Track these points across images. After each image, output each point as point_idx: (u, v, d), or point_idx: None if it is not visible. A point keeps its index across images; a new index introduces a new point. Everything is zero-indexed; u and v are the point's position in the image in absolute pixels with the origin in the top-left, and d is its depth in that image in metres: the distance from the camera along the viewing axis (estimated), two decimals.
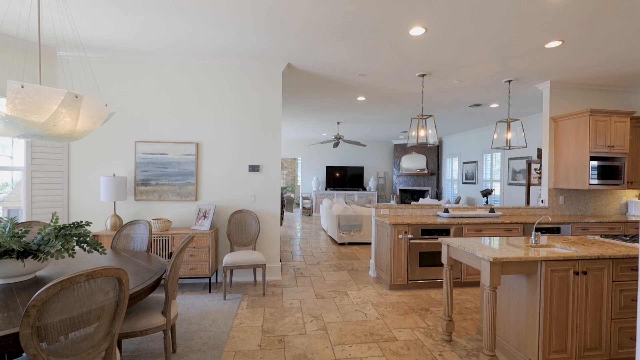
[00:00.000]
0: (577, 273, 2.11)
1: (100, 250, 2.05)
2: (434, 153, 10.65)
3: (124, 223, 3.81)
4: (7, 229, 1.75)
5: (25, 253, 1.74)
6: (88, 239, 1.98)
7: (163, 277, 2.19)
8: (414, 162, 10.79)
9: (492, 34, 3.08)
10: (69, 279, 1.30)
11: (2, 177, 3.95)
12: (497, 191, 7.98)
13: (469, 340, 2.60)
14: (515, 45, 3.32)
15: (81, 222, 1.96)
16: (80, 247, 1.95)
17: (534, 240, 2.43)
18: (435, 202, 8.36)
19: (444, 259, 2.60)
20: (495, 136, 4.60)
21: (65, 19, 2.87)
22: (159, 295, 2.36)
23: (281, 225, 8.37)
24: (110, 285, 1.48)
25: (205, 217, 3.77)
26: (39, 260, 1.75)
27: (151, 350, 2.40)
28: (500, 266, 2.03)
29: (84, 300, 1.39)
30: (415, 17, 2.78)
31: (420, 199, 9.00)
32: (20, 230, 1.80)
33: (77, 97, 1.77)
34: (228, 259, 3.45)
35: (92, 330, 1.46)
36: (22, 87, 1.62)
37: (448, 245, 2.55)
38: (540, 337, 2.08)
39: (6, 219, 1.87)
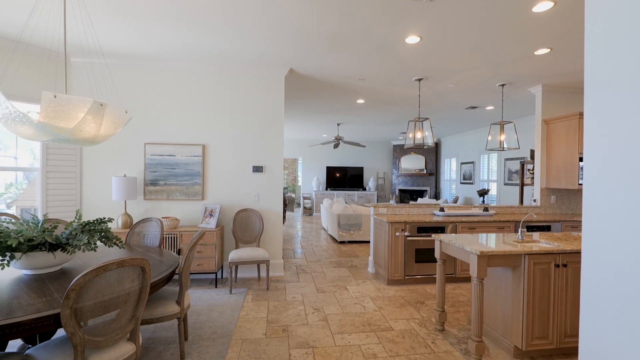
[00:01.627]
0: (557, 266, 2.29)
1: (119, 244, 2.23)
2: (432, 153, 10.83)
3: (134, 221, 4.00)
4: (39, 225, 1.93)
5: (55, 246, 1.93)
6: (109, 234, 2.17)
7: (176, 271, 2.37)
8: (412, 163, 10.97)
9: (483, 42, 3.26)
10: (103, 266, 1.48)
11: (7, 178, 4.13)
12: (493, 191, 8.16)
13: (460, 329, 2.78)
14: (507, 52, 3.50)
15: (104, 218, 2.14)
16: (101, 241, 2.14)
17: (520, 236, 2.61)
18: (433, 201, 8.53)
19: (436, 254, 2.78)
20: (489, 138, 4.78)
21: (81, 29, 3.06)
22: (172, 287, 2.54)
23: (283, 224, 8.56)
24: (136, 273, 1.67)
25: (211, 215, 3.95)
26: (67, 253, 1.94)
27: (164, 338, 2.58)
28: (487, 259, 2.21)
29: (114, 286, 1.57)
30: (410, 27, 2.97)
31: (419, 199, 9.18)
32: (50, 225, 1.98)
33: (102, 105, 1.95)
34: (234, 255, 3.64)
35: (120, 313, 1.64)
36: (55, 97, 1.81)
37: (440, 241, 2.73)
38: (524, 324, 2.27)
39: (35, 216, 2.05)
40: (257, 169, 4.19)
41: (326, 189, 11.14)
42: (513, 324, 2.35)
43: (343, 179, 11.36)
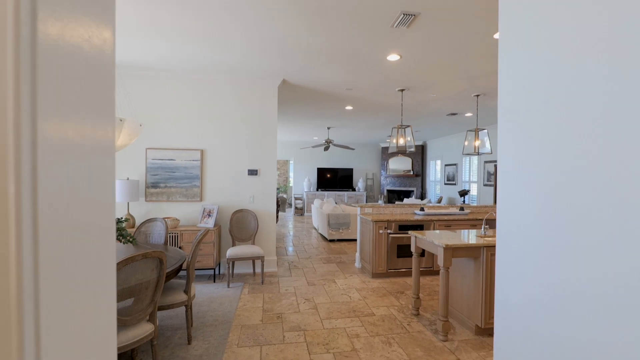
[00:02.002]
0: None
1: (134, 242, 2.54)
2: (419, 156, 11.29)
3: (137, 222, 4.27)
4: None
5: None
6: (124, 232, 2.48)
7: (183, 265, 2.68)
8: (400, 164, 11.42)
9: (457, 61, 3.66)
10: (131, 257, 1.80)
11: None
12: (474, 191, 8.65)
13: (433, 314, 3.17)
14: (478, 68, 3.92)
15: (121, 218, 2.45)
16: (117, 239, 2.45)
17: (483, 232, 3.01)
18: (418, 201, 8.97)
19: (412, 248, 3.17)
20: (466, 143, 5.21)
21: None
22: (179, 280, 2.86)
23: (276, 223, 8.88)
24: (155, 264, 1.99)
25: (209, 215, 4.26)
26: None
27: (172, 325, 2.89)
28: (452, 251, 2.60)
29: (138, 274, 1.89)
30: (390, 47, 3.35)
31: (406, 199, 9.62)
32: None
33: (121, 121, 2.26)
34: (231, 252, 3.96)
35: (142, 298, 1.96)
36: None
37: (415, 237, 3.12)
38: (483, 306, 2.66)
39: None
40: (252, 172, 4.51)
41: (317, 190, 11.49)
42: (474, 306, 2.75)
43: (333, 179, 11.74)
